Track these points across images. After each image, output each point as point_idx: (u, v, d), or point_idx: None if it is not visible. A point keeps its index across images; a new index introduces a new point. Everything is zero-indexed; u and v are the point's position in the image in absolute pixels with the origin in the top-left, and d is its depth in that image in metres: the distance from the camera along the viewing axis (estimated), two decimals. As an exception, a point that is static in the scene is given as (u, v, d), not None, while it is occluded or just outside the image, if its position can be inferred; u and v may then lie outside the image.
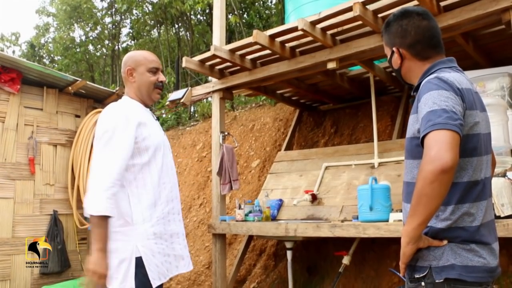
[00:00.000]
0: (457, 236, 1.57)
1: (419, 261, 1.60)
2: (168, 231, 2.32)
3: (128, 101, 2.39)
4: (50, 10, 17.24)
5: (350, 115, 5.92)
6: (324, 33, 4.01)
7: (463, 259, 1.55)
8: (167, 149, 2.42)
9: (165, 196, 2.32)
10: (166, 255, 2.28)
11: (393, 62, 1.87)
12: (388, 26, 1.87)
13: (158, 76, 2.42)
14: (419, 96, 1.62)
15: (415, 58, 1.81)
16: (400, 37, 1.82)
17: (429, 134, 1.47)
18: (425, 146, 1.48)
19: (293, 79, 5.13)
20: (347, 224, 3.72)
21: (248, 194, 6.23)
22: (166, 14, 12.59)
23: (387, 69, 4.99)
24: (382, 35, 1.92)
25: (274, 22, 10.58)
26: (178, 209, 2.43)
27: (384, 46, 1.92)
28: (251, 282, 5.27)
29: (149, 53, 2.49)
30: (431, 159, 1.43)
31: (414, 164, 1.66)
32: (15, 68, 4.37)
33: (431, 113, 1.50)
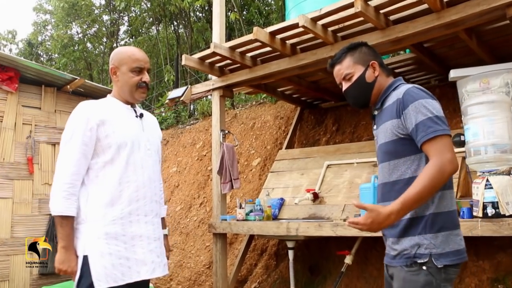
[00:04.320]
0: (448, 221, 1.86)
1: (420, 248, 1.83)
2: (128, 233, 2.20)
3: (105, 99, 2.40)
4: (48, 8, 17.16)
5: (352, 112, 5.87)
6: (325, 29, 3.96)
7: (453, 245, 1.84)
8: (137, 147, 2.31)
9: (127, 195, 2.22)
10: (122, 258, 2.17)
11: (367, 77, 2.03)
12: (354, 48, 2.07)
13: (142, 76, 2.35)
14: (404, 103, 1.87)
15: (384, 73, 2.07)
16: (373, 55, 2.08)
17: (437, 138, 1.78)
18: (435, 148, 1.78)
19: (294, 77, 5.09)
20: (349, 223, 3.68)
21: (249, 193, 6.18)
22: (165, 11, 12.52)
23: (389, 66, 4.93)
24: (345, 57, 2.07)
25: (274, 19, 10.51)
26: (146, 211, 2.28)
27: (351, 66, 2.05)
28: (252, 282, 5.22)
29: (135, 50, 2.40)
30: (451, 161, 1.76)
31: (400, 162, 1.92)
32: (13, 67, 4.32)
33: (429, 120, 1.81)
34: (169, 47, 13.45)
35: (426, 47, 4.41)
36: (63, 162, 2.20)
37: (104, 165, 2.22)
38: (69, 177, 2.17)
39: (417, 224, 1.85)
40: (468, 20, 3.47)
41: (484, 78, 3.62)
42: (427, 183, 1.73)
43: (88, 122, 2.21)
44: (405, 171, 1.90)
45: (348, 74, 2.05)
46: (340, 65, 2.08)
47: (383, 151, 2.00)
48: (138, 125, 2.38)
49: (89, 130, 2.20)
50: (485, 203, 3.07)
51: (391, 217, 1.73)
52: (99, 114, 2.25)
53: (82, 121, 2.22)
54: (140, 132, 2.36)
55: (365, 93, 2.06)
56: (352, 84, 2.05)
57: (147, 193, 2.29)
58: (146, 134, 2.39)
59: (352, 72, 2.04)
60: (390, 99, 1.97)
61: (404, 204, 1.74)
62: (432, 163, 1.76)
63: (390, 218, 1.74)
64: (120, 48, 2.46)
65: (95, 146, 2.22)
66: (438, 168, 1.74)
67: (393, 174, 1.95)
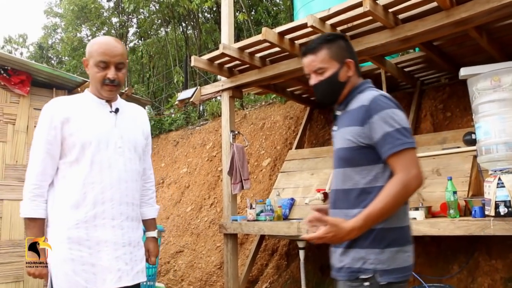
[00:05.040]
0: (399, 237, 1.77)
1: (365, 263, 1.74)
2: (92, 238, 2.04)
3: (79, 95, 2.29)
4: (58, 11, 17.31)
5: (361, 112, 5.85)
6: (334, 29, 3.96)
7: (400, 262, 1.75)
8: (104, 145, 2.12)
9: (92, 197, 2.06)
10: (86, 264, 2.02)
11: (341, 75, 1.90)
12: (332, 41, 1.92)
13: (107, 72, 2.12)
14: (370, 112, 1.76)
15: (356, 73, 1.95)
16: (350, 52, 1.95)
17: (404, 152, 1.70)
18: (401, 162, 1.70)
19: (303, 77, 5.04)
20: (360, 223, 3.67)
21: (259, 193, 6.19)
22: (173, 12, 12.57)
23: (398, 65, 4.93)
24: (321, 49, 1.90)
25: (283, 19, 10.51)
26: (113, 214, 2.09)
27: (326, 60, 1.90)
28: (263, 282, 5.23)
29: (104, 42, 2.17)
30: (417, 177, 1.69)
31: (356, 171, 1.81)
32: (25, 70, 4.36)
33: (396, 132, 1.72)
34: (178, 49, 13.49)
35: (436, 46, 4.39)
36: (30, 163, 2.13)
37: (70, 165, 2.10)
38: (34, 178, 2.10)
39: (366, 237, 1.74)
40: (477, 17, 3.45)
41: (495, 76, 3.59)
42: (391, 200, 1.66)
43: (52, 120, 2.11)
44: (359, 181, 1.80)
45: (322, 68, 1.90)
46: (315, 56, 1.91)
47: (339, 157, 1.89)
48: (109, 121, 2.19)
49: (53, 128, 2.10)
50: (498, 202, 3.04)
51: (353, 232, 1.67)
52: (64, 111, 2.13)
53: (46, 120, 2.12)
54: (110, 129, 2.17)
55: (335, 91, 1.93)
56: (324, 80, 1.91)
57: (114, 195, 2.10)
58: (118, 130, 2.19)
59: (326, 67, 1.89)
60: (355, 103, 1.87)
61: (366, 221, 1.67)
62: (398, 179, 1.68)
63: (351, 234, 1.67)
64: (93, 39, 2.26)
65: (62, 145, 2.10)
66: (403, 185, 1.67)
67: (346, 182, 1.84)
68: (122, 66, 2.17)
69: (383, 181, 1.75)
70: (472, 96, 3.71)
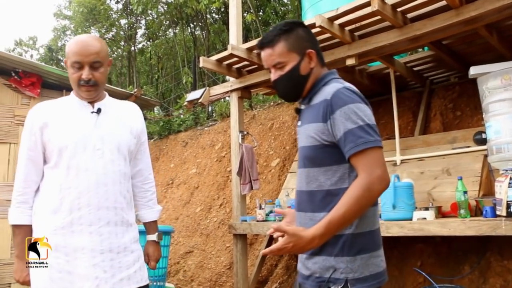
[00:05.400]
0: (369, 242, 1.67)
1: (335, 273, 1.62)
2: (69, 244, 1.98)
3: (64, 97, 2.24)
4: (67, 13, 17.43)
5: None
6: (342, 29, 3.95)
7: (373, 268, 1.64)
8: (81, 148, 2.04)
9: (68, 203, 1.99)
10: (62, 272, 1.96)
11: (302, 68, 1.76)
12: (290, 30, 1.77)
13: (81, 73, 2.04)
14: (332, 107, 1.63)
15: (319, 64, 1.82)
16: (310, 41, 1.80)
17: (367, 151, 1.57)
18: (365, 163, 1.57)
19: (311, 77, 5.07)
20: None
21: (269, 193, 6.19)
22: (182, 14, 12.60)
23: (407, 64, 4.91)
24: (278, 41, 1.75)
25: (291, 19, 10.51)
26: (91, 220, 1.99)
27: (285, 54, 1.75)
28: (273, 282, 5.23)
29: (78, 42, 2.08)
30: (381, 178, 1.56)
31: (320, 171, 1.69)
32: (35, 73, 4.41)
33: (360, 129, 1.58)
34: (186, 50, 13.53)
35: (445, 44, 4.37)
36: (16, 170, 2.13)
37: (51, 170, 2.06)
38: (18, 184, 2.10)
39: (334, 244, 1.63)
40: (487, 16, 3.42)
41: (506, 75, 3.56)
42: (354, 204, 1.53)
43: (32, 126, 2.10)
44: (324, 182, 1.68)
45: (281, 63, 1.75)
46: (272, 50, 1.76)
47: (302, 156, 1.77)
48: (88, 123, 2.10)
49: (33, 134, 2.08)
50: (509, 202, 3.01)
51: (314, 241, 1.54)
52: (42, 116, 2.10)
53: (27, 126, 2.12)
54: (89, 131, 2.08)
55: (297, 86, 1.79)
56: (284, 75, 1.76)
57: (92, 200, 2.00)
58: (99, 131, 2.09)
59: (285, 61, 1.75)
60: (319, 96, 1.73)
61: (328, 228, 1.54)
62: (360, 182, 1.55)
63: (313, 243, 1.54)
64: (72, 38, 2.17)
65: (45, 150, 2.08)
66: (366, 187, 1.54)
67: (310, 184, 1.72)
68: (99, 65, 2.07)
69: (350, 182, 1.63)
70: (482, 95, 3.69)
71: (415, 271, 3.93)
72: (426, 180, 4.12)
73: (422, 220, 3.41)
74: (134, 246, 2.14)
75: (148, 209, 2.35)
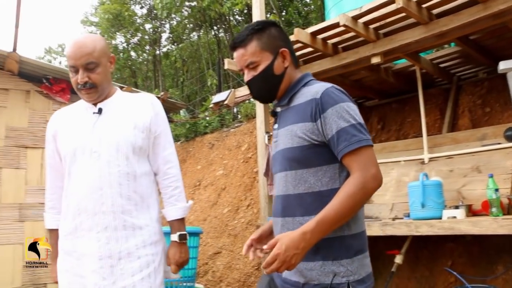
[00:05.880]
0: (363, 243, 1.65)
1: (336, 277, 1.56)
2: (77, 249, 1.98)
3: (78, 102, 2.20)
4: (93, 20, 17.76)
5: (397, 110, 5.77)
6: (367, 27, 3.92)
7: (367, 268, 1.63)
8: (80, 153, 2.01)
9: (71, 209, 2.00)
10: (76, 275, 1.97)
11: (276, 67, 1.72)
12: (262, 30, 1.74)
13: (77, 77, 1.98)
14: (322, 105, 1.59)
15: (293, 64, 1.78)
16: (283, 41, 1.76)
17: (361, 149, 1.54)
18: (359, 161, 1.54)
19: (336, 76, 5.05)
20: (398, 222, 3.63)
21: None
22: (205, 17, 12.70)
23: (433, 61, 4.84)
24: (251, 41, 1.72)
25: (314, 19, 10.48)
26: (89, 226, 1.95)
27: (258, 53, 1.72)
28: (301, 282, 5.22)
29: (72, 45, 2.00)
30: (375, 177, 1.53)
31: (310, 172, 1.63)
32: (65, 79, 4.51)
33: (352, 128, 1.55)
34: (211, 52, 13.64)
35: (473, 40, 4.29)
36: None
37: (66, 177, 2.08)
38: (46, 191, 2.19)
39: (331, 247, 1.58)
40: (517, 9, 3.36)
41: (536, 69, 3.49)
42: (349, 202, 1.49)
43: (48, 135, 2.16)
44: (315, 183, 1.61)
45: (253, 62, 1.71)
46: (244, 49, 1.72)
47: (286, 158, 1.68)
48: (88, 126, 2.05)
49: (49, 143, 2.14)
50: (542, 199, 2.96)
51: (306, 236, 1.46)
52: (54, 125, 2.14)
53: (46, 135, 2.19)
54: (87, 134, 2.03)
55: (271, 86, 1.74)
56: (258, 75, 1.72)
57: (88, 206, 1.96)
58: (97, 132, 2.03)
59: (258, 60, 1.71)
60: (301, 97, 1.69)
61: (320, 224, 1.47)
62: (355, 180, 1.52)
63: (305, 238, 1.46)
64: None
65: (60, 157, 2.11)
66: (361, 186, 1.50)
67: (299, 186, 1.64)
68: (93, 66, 1.98)
69: (338, 183, 1.60)
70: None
71: (446, 271, 3.88)
72: (455, 178, 4.06)
73: (452, 218, 3.37)
74: (142, 251, 1.99)
75: (170, 207, 2.15)
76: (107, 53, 2.05)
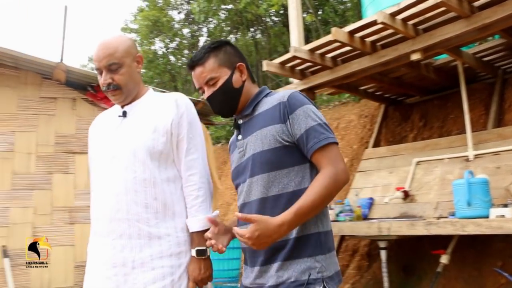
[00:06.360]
0: (332, 239, 1.71)
1: (312, 274, 1.59)
2: (95, 254, 1.97)
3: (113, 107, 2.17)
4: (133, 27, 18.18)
5: (439, 106, 5.65)
6: (405, 24, 3.86)
7: (336, 266, 1.67)
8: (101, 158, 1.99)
9: (94, 215, 1.99)
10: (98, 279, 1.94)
11: (234, 81, 1.79)
12: (218, 48, 1.80)
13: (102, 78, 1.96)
14: (290, 107, 1.66)
15: (250, 78, 1.85)
16: (238, 57, 1.84)
17: (329, 146, 1.62)
18: (328, 157, 1.61)
19: (376, 74, 5.00)
20: (443, 221, 3.56)
21: (338, 194, 6.14)
22: (242, 19, 12.79)
23: (476, 55, 4.72)
24: (208, 58, 1.78)
25: (351, 17, 10.38)
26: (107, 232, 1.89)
27: (216, 69, 1.77)
28: (345, 283, 5.19)
29: (97, 47, 1.96)
30: (345, 171, 1.61)
31: (283, 173, 1.66)
32: (108, 85, 4.65)
33: (320, 126, 1.63)
34: (248, 54, 13.71)
35: (518, 31, 4.16)
36: None
37: None
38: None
39: (306, 244, 1.61)
40: None
41: None
42: (323, 193, 1.54)
43: (88, 140, 2.16)
44: (288, 183, 1.65)
45: (213, 78, 1.76)
46: (203, 67, 1.78)
47: (258, 162, 1.69)
48: (111, 130, 2.02)
49: (89, 148, 2.13)
50: None
51: (282, 228, 1.50)
52: (90, 130, 2.15)
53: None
54: (110, 138, 2.00)
55: (232, 99, 1.80)
56: (217, 90, 1.77)
57: (105, 212, 1.91)
58: (118, 136, 1.98)
59: (217, 76, 1.77)
60: (265, 105, 1.76)
61: (297, 214, 1.52)
62: (326, 172, 1.58)
63: (281, 230, 1.50)
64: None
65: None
66: (333, 178, 1.57)
67: (272, 188, 1.66)
68: (116, 67, 1.92)
69: (309, 182, 1.64)
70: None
71: (495, 272, 3.77)
72: (502, 175, 3.94)
73: (500, 217, 3.27)
74: (158, 262, 1.86)
75: (191, 217, 1.95)
76: (132, 53, 1.99)
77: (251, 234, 1.49)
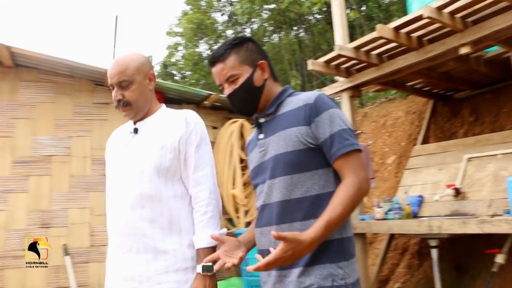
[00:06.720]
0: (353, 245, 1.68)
1: (335, 280, 1.56)
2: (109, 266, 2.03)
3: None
4: (178, 30, 18.55)
5: (491, 100, 5.48)
6: (453, 17, 3.77)
7: (357, 273, 1.64)
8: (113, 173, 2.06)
9: (108, 229, 2.05)
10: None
11: (255, 79, 1.75)
12: (240, 44, 1.77)
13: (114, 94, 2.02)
14: (317, 109, 1.64)
15: (272, 77, 1.82)
16: (260, 54, 1.80)
17: (353, 153, 1.60)
18: (352, 164, 1.59)
19: (423, 69, 4.90)
20: (497, 219, 3.45)
21: (386, 191, 6.08)
22: (285, 18, 12.80)
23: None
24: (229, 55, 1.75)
25: (395, 11, 10.20)
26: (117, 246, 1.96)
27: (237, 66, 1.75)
28: (395, 282, 5.13)
29: (111, 64, 2.03)
30: (367, 180, 1.59)
31: (307, 176, 1.64)
32: (158, 89, 4.80)
33: (345, 132, 1.62)
34: (292, 53, 13.71)
35: None
36: None
37: None
38: None
39: (329, 249, 1.58)
40: None
41: None
42: (349, 204, 1.51)
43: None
44: (312, 187, 1.62)
45: (234, 75, 1.74)
46: (224, 64, 1.75)
47: (281, 163, 1.66)
48: (122, 146, 2.08)
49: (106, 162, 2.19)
50: None
51: (314, 245, 1.46)
52: (107, 146, 2.21)
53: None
54: (120, 155, 2.06)
55: (253, 98, 1.77)
56: (239, 87, 1.74)
57: (116, 226, 1.97)
58: (128, 153, 2.04)
59: (238, 73, 1.74)
60: (289, 105, 1.73)
61: (328, 229, 1.48)
62: (351, 182, 1.55)
63: (311, 247, 1.46)
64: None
65: None
66: (358, 188, 1.54)
67: (295, 191, 1.63)
68: (126, 84, 1.98)
69: (333, 186, 1.63)
70: None
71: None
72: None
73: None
74: (163, 277, 1.88)
75: (197, 233, 1.96)
76: (143, 70, 2.04)
77: (283, 254, 1.43)
